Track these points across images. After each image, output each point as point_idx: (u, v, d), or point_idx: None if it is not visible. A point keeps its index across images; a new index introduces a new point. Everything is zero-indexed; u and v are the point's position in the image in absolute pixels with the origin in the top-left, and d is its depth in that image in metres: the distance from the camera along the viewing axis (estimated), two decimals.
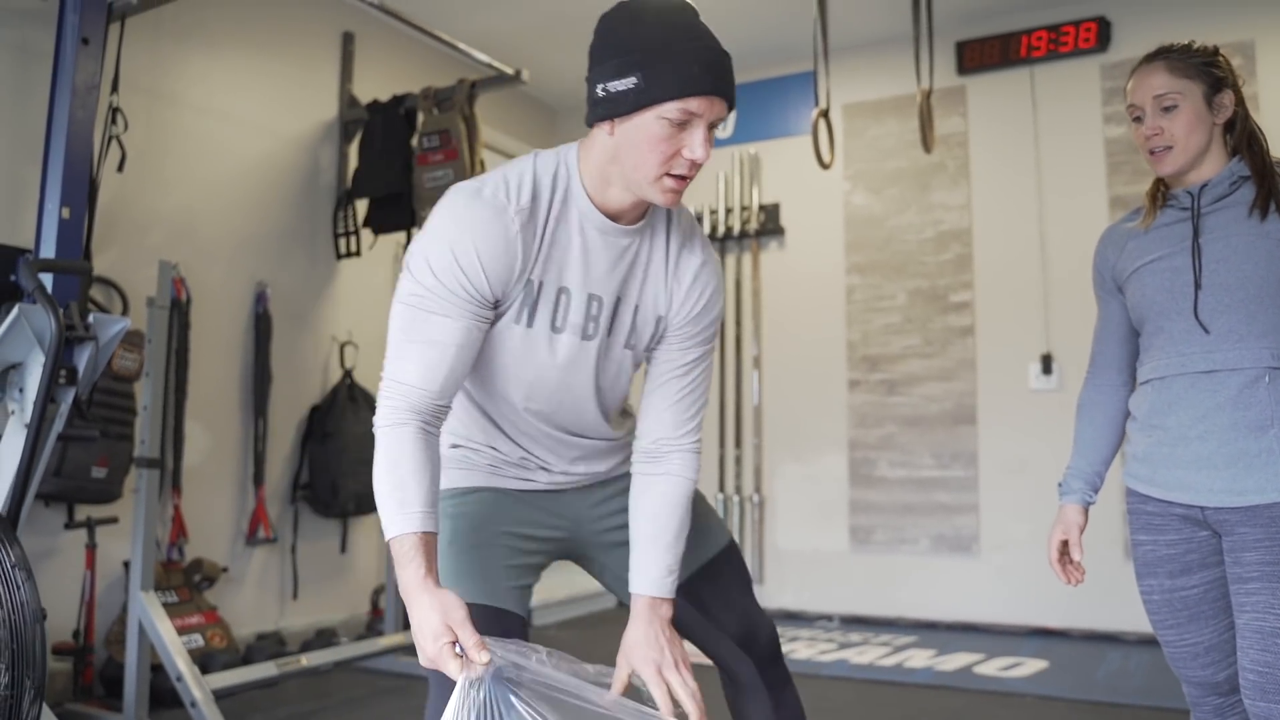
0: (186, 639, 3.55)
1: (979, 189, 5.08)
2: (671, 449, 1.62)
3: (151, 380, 3.15)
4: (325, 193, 4.59)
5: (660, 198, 1.42)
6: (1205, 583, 1.80)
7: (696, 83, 1.34)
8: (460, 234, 1.39)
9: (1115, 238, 1.95)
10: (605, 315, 1.53)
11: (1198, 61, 1.80)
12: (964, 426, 5.01)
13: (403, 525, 1.36)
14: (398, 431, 1.41)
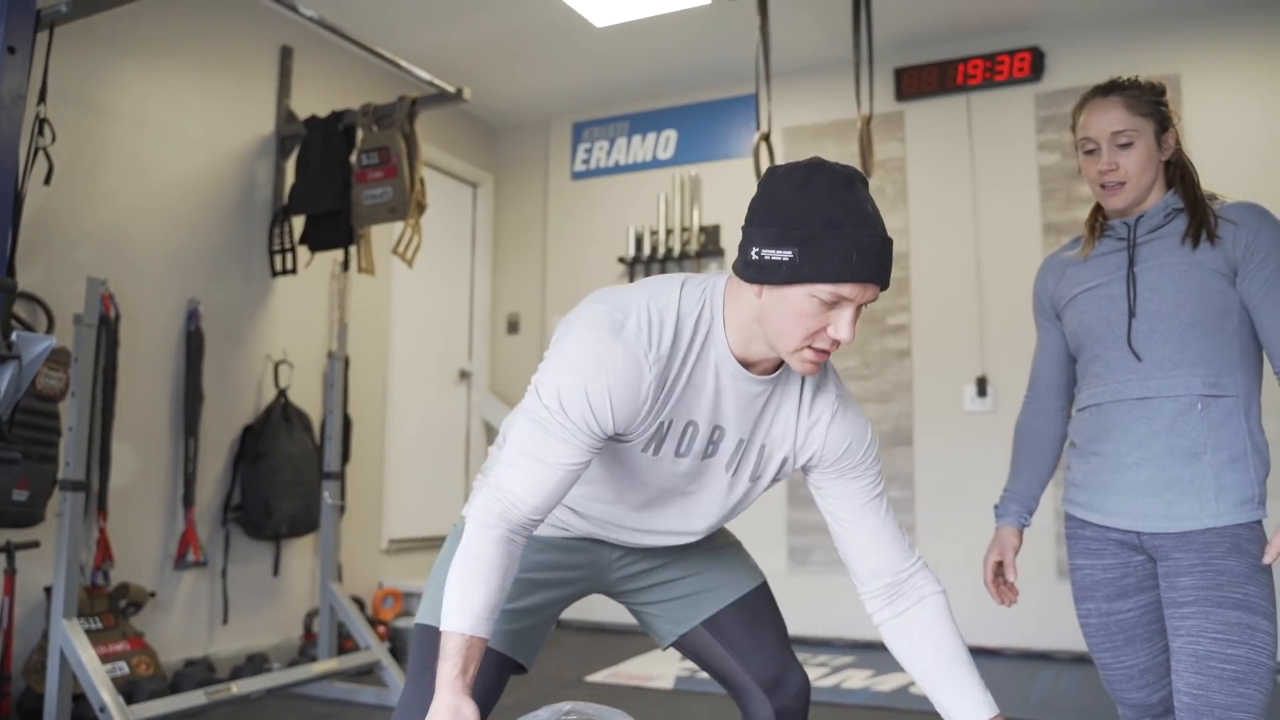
0: (111, 667, 3.44)
1: (916, 213, 5.16)
2: (908, 574, 1.57)
3: (78, 401, 3.05)
4: (261, 209, 4.51)
5: (799, 367, 1.41)
6: (1141, 606, 1.83)
7: (854, 271, 1.31)
8: (596, 375, 1.37)
9: (1054, 266, 1.99)
10: (728, 446, 1.52)
11: (1150, 100, 1.83)
12: (901, 448, 5.06)
13: (457, 624, 1.39)
14: (485, 532, 1.43)
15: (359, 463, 4.93)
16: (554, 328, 5.59)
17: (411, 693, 1.57)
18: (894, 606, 1.57)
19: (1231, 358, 1.75)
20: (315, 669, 3.75)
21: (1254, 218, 1.77)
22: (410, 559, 5.34)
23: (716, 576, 1.75)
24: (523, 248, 6.18)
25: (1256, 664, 1.62)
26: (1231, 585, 1.66)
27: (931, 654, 1.54)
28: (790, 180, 1.35)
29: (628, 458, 1.50)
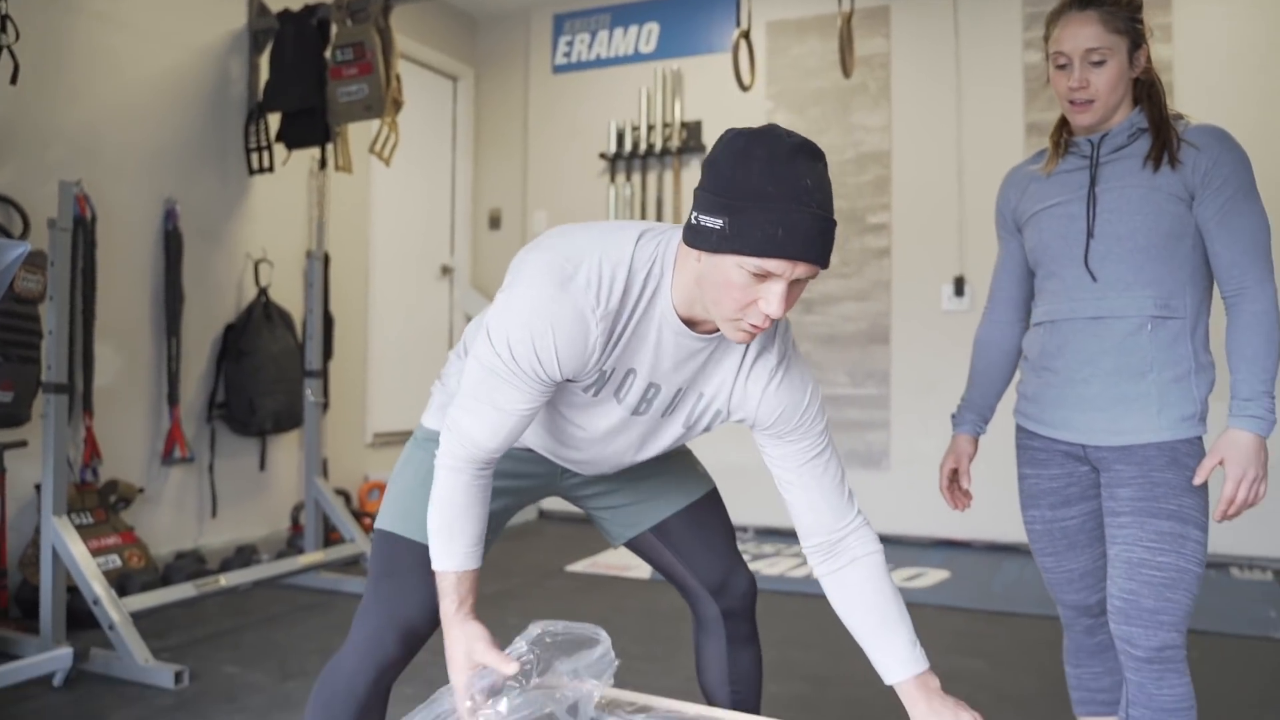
0: (103, 560, 3.55)
1: (899, 111, 5.12)
2: (844, 533, 1.58)
3: (56, 304, 3.07)
4: (235, 106, 4.46)
5: (732, 336, 1.39)
6: (1083, 514, 1.91)
7: (778, 247, 1.27)
8: (544, 328, 1.39)
9: (1018, 180, 2.01)
10: (661, 401, 1.54)
11: (1126, 16, 1.80)
12: (878, 346, 5.13)
13: (446, 563, 1.51)
14: (454, 476, 1.51)
15: (342, 359, 4.99)
16: (536, 223, 5.59)
17: (371, 596, 1.64)
18: (831, 563, 1.59)
19: (1183, 280, 1.79)
20: (301, 561, 3.87)
21: (1215, 142, 1.77)
22: (394, 452, 5.44)
23: (665, 484, 1.82)
24: (504, 143, 6.13)
25: (1185, 571, 1.71)
26: (1167, 497, 1.74)
27: (864, 612, 1.57)
28: (731, 147, 1.32)
29: (570, 396, 1.54)
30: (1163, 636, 1.70)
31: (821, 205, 1.30)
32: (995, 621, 3.67)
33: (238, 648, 3.29)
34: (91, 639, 3.13)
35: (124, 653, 2.96)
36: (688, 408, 1.57)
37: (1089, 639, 1.98)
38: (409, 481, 1.68)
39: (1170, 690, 1.71)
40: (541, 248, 1.46)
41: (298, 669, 3.07)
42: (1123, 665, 1.76)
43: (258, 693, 2.86)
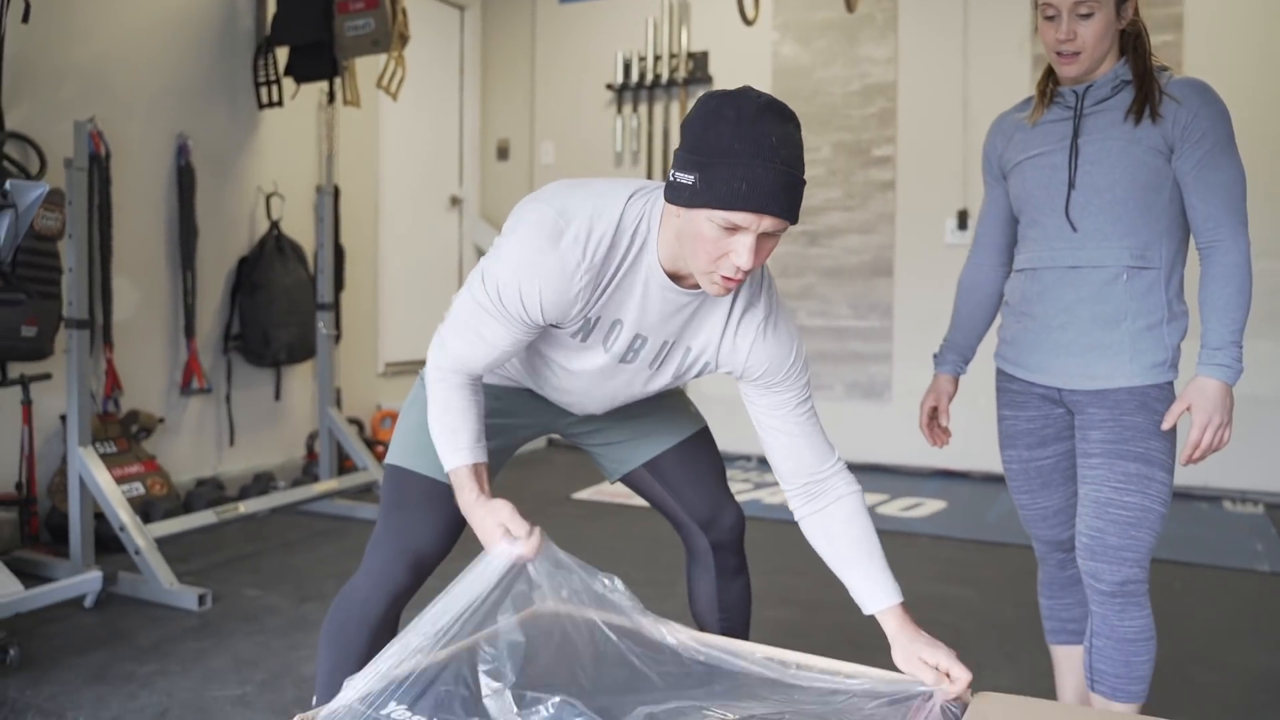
0: (127, 487, 3.69)
1: (905, 43, 5.10)
2: (825, 476, 1.67)
3: (75, 242, 3.16)
4: (244, 40, 4.48)
5: (709, 288, 1.46)
6: (1057, 454, 2.00)
7: (742, 199, 1.34)
8: (531, 278, 1.48)
9: (1004, 128, 2.06)
10: (649, 351, 1.63)
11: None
12: (881, 279, 5.19)
13: (456, 460, 1.59)
14: (448, 380, 1.61)
15: (353, 290, 5.08)
16: (543, 154, 5.61)
17: (382, 528, 1.75)
18: (812, 504, 1.67)
19: (1159, 231, 1.85)
20: (317, 489, 4.01)
21: (1195, 96, 1.81)
22: (406, 381, 5.56)
23: (658, 423, 1.92)
24: (511, 74, 6.13)
25: (1150, 510, 1.80)
26: (1135, 440, 1.82)
27: (846, 546, 1.65)
28: (705, 108, 1.40)
29: (559, 340, 1.63)
30: (1126, 572, 1.80)
31: (787, 161, 1.36)
32: (986, 551, 3.80)
33: (257, 571, 3.44)
34: (118, 563, 3.29)
35: (150, 576, 3.11)
36: (676, 360, 1.65)
37: (1061, 572, 2.09)
38: (417, 418, 1.76)
39: (1132, 622, 1.82)
40: (540, 199, 1.54)
41: (315, 592, 3.22)
42: (1089, 598, 1.86)
43: (277, 614, 3.01)
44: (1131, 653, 1.82)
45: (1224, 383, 1.77)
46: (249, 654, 2.70)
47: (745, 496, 4.54)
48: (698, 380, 5.57)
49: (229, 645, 2.76)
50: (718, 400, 5.51)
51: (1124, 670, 1.83)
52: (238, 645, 2.76)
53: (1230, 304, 1.78)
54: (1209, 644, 2.82)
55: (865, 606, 1.64)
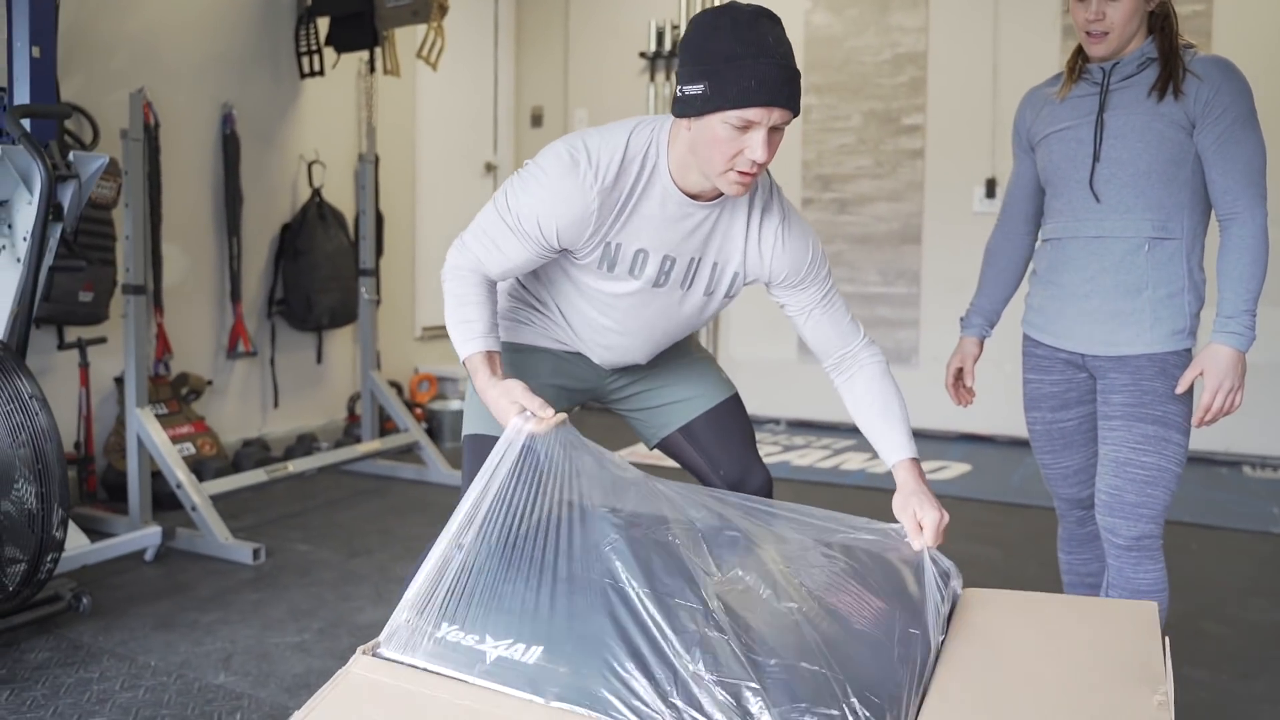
0: (179, 447, 3.84)
1: (936, 12, 5.13)
2: (855, 350, 1.85)
3: (131, 212, 3.28)
4: (286, 10, 4.57)
5: (729, 189, 1.60)
6: (1079, 417, 2.10)
7: (754, 95, 1.48)
8: (546, 199, 1.63)
9: (1034, 101, 2.14)
10: (679, 271, 1.75)
11: None
12: (909, 246, 5.25)
13: (471, 347, 1.69)
14: (463, 275, 1.72)
15: (392, 256, 5.20)
16: (577, 121, 5.69)
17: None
18: (844, 374, 1.86)
19: (1181, 203, 1.93)
20: (360, 449, 4.15)
21: (1217, 73, 1.88)
22: (442, 345, 5.69)
23: (692, 389, 2.04)
24: (545, 41, 6.19)
25: (1166, 470, 1.90)
26: (1154, 404, 1.91)
27: (867, 407, 1.84)
28: (701, 23, 1.54)
29: (590, 277, 1.75)
30: (1142, 527, 1.90)
31: (785, 58, 1.51)
32: (1010, 513, 3.89)
33: (306, 528, 3.59)
34: (173, 519, 3.44)
35: (206, 531, 3.26)
36: (705, 276, 1.78)
37: (1080, 529, 2.19)
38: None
39: (1146, 575, 1.92)
40: (561, 139, 1.69)
41: (361, 548, 3.36)
42: (1106, 552, 1.96)
43: (328, 568, 3.16)
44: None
45: (1236, 349, 1.84)
46: (304, 604, 2.85)
47: (774, 459, 4.65)
48: (728, 346, 5.69)
49: (284, 596, 2.91)
50: (747, 365, 5.62)
51: None
52: (293, 596, 2.91)
53: (1245, 274, 1.85)
54: (1221, 601, 2.91)
55: (885, 461, 1.84)
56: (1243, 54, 4.64)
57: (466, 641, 1.34)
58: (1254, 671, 2.43)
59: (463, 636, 1.35)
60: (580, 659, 1.30)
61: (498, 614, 1.37)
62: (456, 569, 1.42)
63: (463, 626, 1.36)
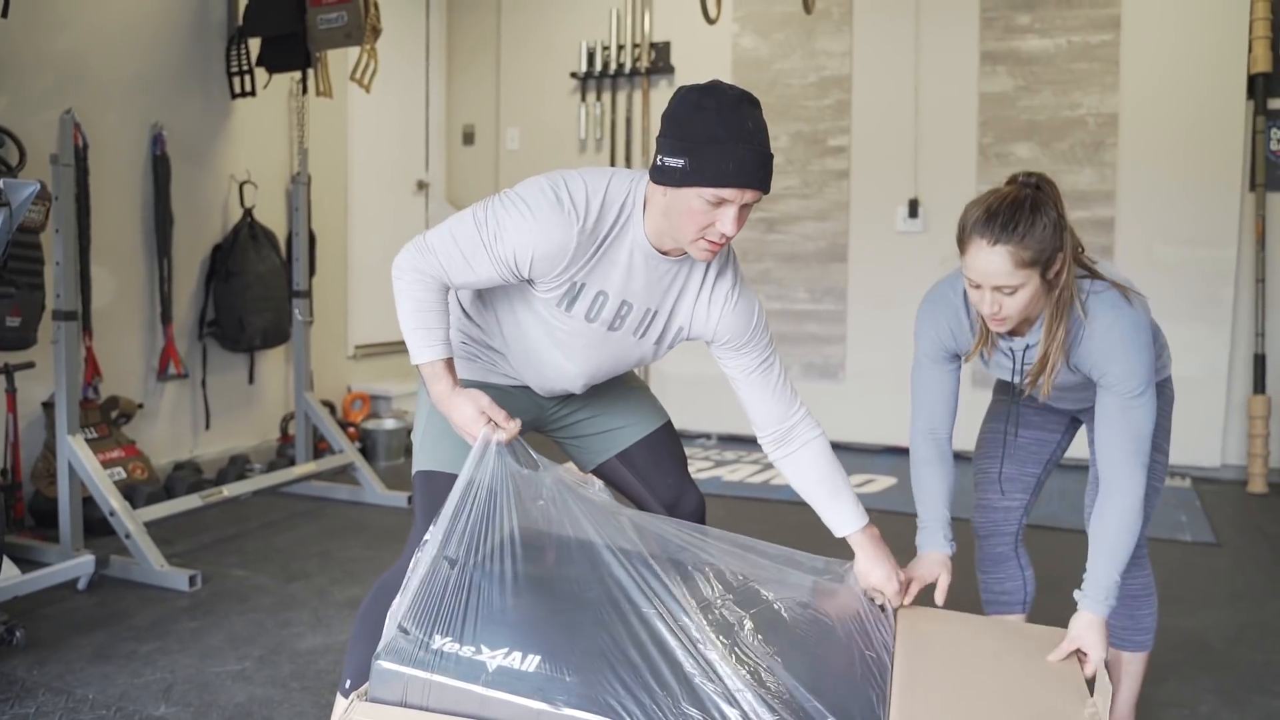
0: (110, 472, 3.79)
1: (860, 37, 5.29)
2: (793, 424, 1.93)
3: (62, 237, 3.26)
4: (216, 30, 4.55)
5: (697, 255, 1.71)
6: (1035, 439, 2.23)
7: (730, 178, 1.59)
8: (528, 228, 1.68)
9: (945, 320, 2.01)
10: (634, 318, 1.83)
11: (1036, 245, 1.74)
12: (835, 264, 5.39)
13: (432, 354, 1.74)
14: (425, 280, 1.75)
15: (324, 274, 5.19)
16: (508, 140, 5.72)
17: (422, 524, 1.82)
18: (784, 449, 1.95)
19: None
20: (296, 472, 4.15)
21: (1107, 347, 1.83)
22: (375, 363, 5.69)
23: (628, 417, 2.13)
24: (477, 60, 6.23)
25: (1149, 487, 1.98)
26: None
27: (815, 483, 1.95)
28: (686, 101, 1.64)
29: (546, 313, 1.81)
30: None
31: (762, 144, 1.63)
32: None
33: (242, 552, 3.58)
34: (105, 545, 3.41)
35: (141, 559, 3.24)
36: (658, 328, 1.88)
37: (994, 548, 2.28)
38: (433, 426, 1.92)
39: (1134, 581, 2.10)
40: (542, 176, 1.76)
41: (299, 571, 3.37)
42: None
43: (266, 594, 3.16)
44: (1135, 607, 2.08)
45: (1103, 617, 1.84)
46: (243, 631, 2.85)
47: (706, 474, 4.74)
48: (658, 363, 5.77)
49: (223, 624, 2.91)
50: (677, 381, 5.71)
51: (1130, 623, 2.10)
52: (231, 623, 2.91)
53: (1118, 545, 1.85)
54: None
55: (836, 532, 1.95)
56: (1149, 82, 4.90)
57: (464, 653, 1.40)
58: (1161, 677, 2.58)
59: (459, 648, 1.41)
60: (586, 668, 1.38)
61: (490, 625, 1.44)
62: (444, 583, 1.48)
63: (457, 639, 1.42)
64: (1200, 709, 2.46)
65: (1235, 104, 4.69)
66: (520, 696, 1.35)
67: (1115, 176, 4.87)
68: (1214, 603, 3.19)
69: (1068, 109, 4.94)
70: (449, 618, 1.44)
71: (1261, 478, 4.67)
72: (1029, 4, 4.96)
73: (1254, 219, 4.71)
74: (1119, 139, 4.86)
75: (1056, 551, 3.34)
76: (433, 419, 1.92)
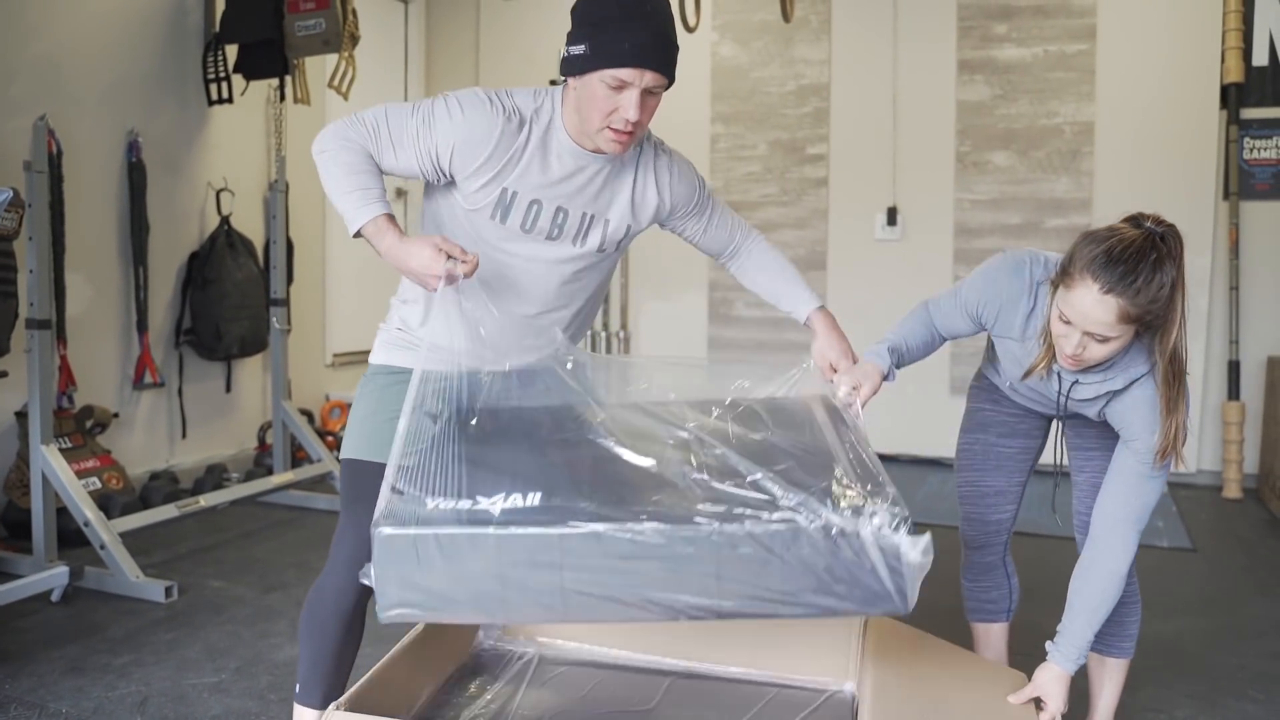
0: (85, 482, 3.76)
1: (839, 46, 5.31)
2: (741, 244, 2.09)
3: (36, 245, 3.22)
4: (193, 36, 4.53)
5: (607, 147, 1.72)
6: (1020, 448, 2.21)
7: (626, 57, 1.61)
8: (458, 124, 1.71)
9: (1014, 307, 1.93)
10: (572, 225, 1.83)
11: (1146, 305, 1.66)
12: (814, 272, 5.41)
13: (375, 210, 1.68)
14: (353, 147, 1.72)
15: (302, 282, 5.16)
16: None
17: (346, 520, 1.85)
18: (738, 259, 2.10)
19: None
20: (274, 481, 4.12)
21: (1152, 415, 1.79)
22: (353, 371, 5.66)
23: None
24: (456, 67, 6.22)
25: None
26: None
27: (767, 277, 2.08)
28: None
29: (485, 229, 1.81)
30: None
31: (661, 24, 1.65)
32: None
33: (219, 563, 3.55)
34: (79, 556, 3.37)
35: (116, 570, 3.21)
36: (599, 232, 1.87)
37: (982, 558, 2.29)
38: (365, 410, 1.90)
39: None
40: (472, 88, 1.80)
41: (277, 581, 3.35)
42: None
43: (243, 604, 3.13)
44: (1122, 614, 2.08)
45: (1069, 673, 1.88)
46: (220, 643, 2.83)
47: None
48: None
49: (199, 635, 2.88)
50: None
51: (1117, 629, 2.10)
52: (208, 635, 2.89)
53: (1099, 607, 1.87)
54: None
55: (796, 315, 2.07)
56: (1124, 91, 4.94)
57: (463, 505, 1.37)
58: (1139, 683, 2.59)
59: (456, 503, 1.38)
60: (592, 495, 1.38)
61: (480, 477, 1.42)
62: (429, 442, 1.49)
63: (453, 496, 1.39)
64: (1177, 713, 2.48)
65: (1209, 113, 4.74)
66: (536, 528, 1.33)
67: (1091, 185, 4.92)
68: (1190, 608, 3.21)
69: (1044, 118, 4.98)
70: (437, 478, 1.42)
71: (1236, 483, 4.71)
72: (1006, 13, 5.00)
73: (1228, 227, 4.76)
74: (1095, 148, 4.90)
75: (1036, 557, 3.36)
76: (361, 402, 1.90)
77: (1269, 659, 2.82)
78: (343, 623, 1.84)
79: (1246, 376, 4.80)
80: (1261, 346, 4.80)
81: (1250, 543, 3.99)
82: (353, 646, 1.87)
